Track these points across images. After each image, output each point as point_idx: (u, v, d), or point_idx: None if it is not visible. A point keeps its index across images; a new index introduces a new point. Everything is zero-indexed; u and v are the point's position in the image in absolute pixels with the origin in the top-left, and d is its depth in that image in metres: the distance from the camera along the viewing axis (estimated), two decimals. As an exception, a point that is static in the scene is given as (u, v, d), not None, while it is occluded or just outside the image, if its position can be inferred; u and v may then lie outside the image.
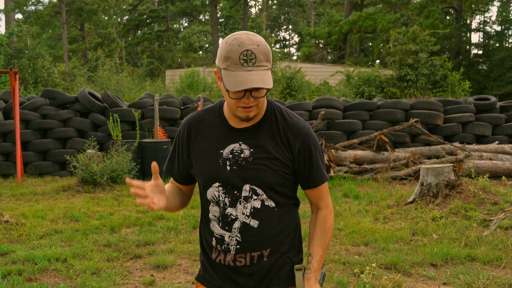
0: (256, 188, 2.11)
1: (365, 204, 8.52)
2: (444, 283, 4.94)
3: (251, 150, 2.11)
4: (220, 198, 2.13)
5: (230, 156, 2.11)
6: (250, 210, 2.11)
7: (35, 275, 5.14)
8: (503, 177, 9.95)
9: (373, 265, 3.89)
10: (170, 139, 11.92)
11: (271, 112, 2.17)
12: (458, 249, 5.85)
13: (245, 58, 1.93)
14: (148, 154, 11.25)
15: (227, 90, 1.97)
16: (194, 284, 4.93)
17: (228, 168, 2.10)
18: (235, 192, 2.11)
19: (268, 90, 2.01)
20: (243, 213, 2.11)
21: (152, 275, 5.19)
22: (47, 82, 20.90)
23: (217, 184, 2.13)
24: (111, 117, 11.41)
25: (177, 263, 5.59)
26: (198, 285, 2.32)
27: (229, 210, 2.12)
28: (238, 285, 2.19)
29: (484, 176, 8.77)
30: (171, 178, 2.37)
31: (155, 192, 2.06)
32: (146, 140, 11.55)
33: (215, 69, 2.08)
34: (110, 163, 9.96)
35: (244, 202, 2.11)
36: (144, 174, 11.30)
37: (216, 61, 2.03)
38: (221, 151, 2.12)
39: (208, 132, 2.17)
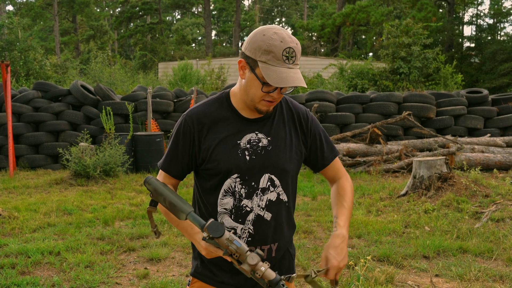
0: (274, 177, 2.13)
1: (358, 197, 8.55)
2: (436, 275, 4.98)
3: (269, 138, 2.13)
4: (236, 189, 2.11)
5: (248, 146, 2.11)
6: (266, 203, 2.12)
7: (28, 268, 5.13)
8: (495, 170, 10.00)
9: (368, 257, 3.91)
10: (163, 132, 11.91)
11: None
12: (450, 241, 5.90)
13: (287, 55, 1.96)
14: (141, 147, 11.23)
15: (263, 83, 1.98)
16: (187, 277, 4.95)
17: (248, 158, 2.10)
18: (253, 183, 2.11)
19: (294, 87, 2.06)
20: (258, 205, 2.12)
21: (146, 268, 5.20)
22: (39, 75, 20.79)
23: (235, 175, 2.10)
24: (104, 110, 11.37)
25: (171, 256, 5.60)
26: (194, 281, 2.26)
27: (245, 202, 2.11)
28: (242, 279, 2.17)
29: (476, 169, 8.82)
30: (163, 175, 2.23)
31: None
32: (139, 133, 11.52)
33: (239, 59, 2.06)
34: (103, 156, 9.94)
35: (261, 194, 2.12)
36: (137, 167, 11.29)
37: (250, 52, 2.00)
38: (238, 142, 2.11)
39: (221, 124, 2.14)
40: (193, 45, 56.82)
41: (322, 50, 40.22)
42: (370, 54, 38.30)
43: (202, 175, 2.20)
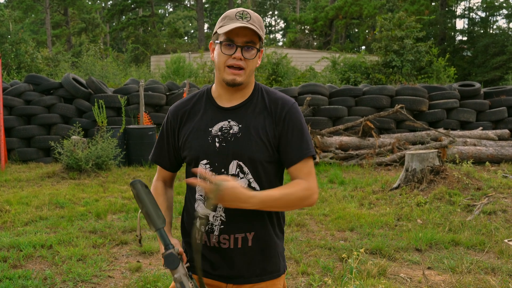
0: (243, 165, 2.12)
1: (350, 190, 8.57)
2: (429, 268, 5.00)
3: (240, 126, 2.13)
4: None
5: (219, 133, 2.13)
6: None
7: (20, 262, 5.11)
8: (487, 163, 10.04)
9: (361, 250, 3.92)
10: (155, 125, 11.87)
11: (257, 91, 2.22)
12: (442, 234, 5.92)
13: (240, 15, 2.06)
14: (134, 140, 11.19)
15: (221, 43, 2.06)
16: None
17: (217, 144, 2.12)
18: (222, 170, 2.11)
19: (259, 51, 2.09)
20: None
21: (138, 261, 5.19)
22: (31, 68, 20.67)
23: (205, 161, 2.13)
24: (96, 103, 11.32)
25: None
26: None
27: None
28: (223, 272, 2.18)
29: (468, 162, 8.85)
30: (157, 170, 2.37)
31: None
32: (131, 126, 11.48)
33: (210, 41, 2.18)
34: (95, 150, 9.90)
35: None
36: (129, 161, 11.25)
37: (214, 30, 2.12)
38: (210, 129, 2.15)
39: (197, 114, 2.21)
40: (186, 38, 56.64)
41: (315, 43, 40.14)
42: (363, 47, 38.32)
43: (185, 164, 2.28)
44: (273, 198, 2.01)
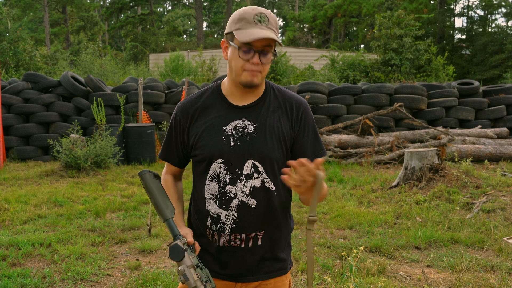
0: (258, 164, 2.11)
1: (349, 188, 8.56)
2: (428, 266, 5.00)
3: (255, 125, 2.12)
4: (221, 175, 2.12)
5: (234, 132, 2.11)
6: (250, 189, 2.11)
7: (19, 260, 5.10)
8: (486, 161, 10.05)
9: (361, 248, 3.92)
10: (154, 124, 11.86)
11: (269, 89, 2.22)
12: (442, 232, 5.92)
13: (259, 18, 2.01)
14: (133, 139, 11.18)
15: (239, 48, 2.01)
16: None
17: (232, 144, 2.10)
18: (237, 169, 2.11)
19: (275, 56, 2.07)
20: (242, 192, 2.10)
21: (137, 260, 5.18)
22: (29, 66, 20.64)
23: (219, 160, 2.11)
24: (95, 102, 11.30)
25: (163, 248, 5.58)
26: None
27: (229, 188, 2.11)
28: (230, 271, 2.18)
29: (467, 160, 8.85)
30: (166, 165, 2.35)
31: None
32: (130, 124, 11.46)
33: (222, 39, 2.13)
34: (94, 148, 9.89)
35: (245, 180, 2.10)
36: (128, 159, 11.24)
37: (227, 29, 2.08)
38: (224, 128, 2.12)
39: (208, 112, 2.17)
40: (184, 36, 56.58)
41: (314, 42, 40.16)
42: (362, 45, 38.33)
43: (194, 162, 2.25)
44: (322, 191, 2.01)
